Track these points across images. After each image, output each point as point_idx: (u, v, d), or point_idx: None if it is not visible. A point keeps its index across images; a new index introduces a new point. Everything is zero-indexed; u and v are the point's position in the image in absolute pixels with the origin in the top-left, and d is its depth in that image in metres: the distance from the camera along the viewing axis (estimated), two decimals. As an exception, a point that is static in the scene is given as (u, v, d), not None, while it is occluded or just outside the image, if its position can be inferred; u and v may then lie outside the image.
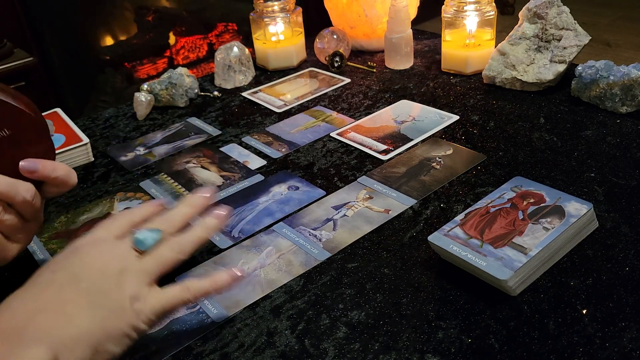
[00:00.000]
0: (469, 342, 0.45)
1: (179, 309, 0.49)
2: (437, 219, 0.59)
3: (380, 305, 0.49)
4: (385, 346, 0.45)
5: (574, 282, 0.49)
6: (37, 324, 0.40)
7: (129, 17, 2.18)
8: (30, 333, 0.40)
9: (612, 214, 0.56)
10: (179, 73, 0.92)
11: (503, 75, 0.85)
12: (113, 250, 0.46)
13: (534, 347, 0.44)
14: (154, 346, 0.47)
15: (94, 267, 0.44)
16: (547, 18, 0.83)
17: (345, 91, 0.93)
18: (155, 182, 0.72)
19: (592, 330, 0.44)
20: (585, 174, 0.63)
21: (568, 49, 0.81)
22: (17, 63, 1.60)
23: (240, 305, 0.51)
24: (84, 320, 0.41)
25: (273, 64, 1.03)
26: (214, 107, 0.92)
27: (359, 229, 0.59)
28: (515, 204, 0.55)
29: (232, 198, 0.67)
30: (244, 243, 0.59)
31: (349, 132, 0.79)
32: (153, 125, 0.88)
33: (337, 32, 1.03)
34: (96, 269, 0.44)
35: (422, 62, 1.01)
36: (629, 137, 0.70)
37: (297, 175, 0.70)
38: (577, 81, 0.78)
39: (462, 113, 0.80)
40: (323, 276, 0.53)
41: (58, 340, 0.40)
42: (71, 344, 0.40)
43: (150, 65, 2.21)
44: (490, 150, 0.70)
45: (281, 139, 0.79)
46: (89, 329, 0.41)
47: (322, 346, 0.46)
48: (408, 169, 0.68)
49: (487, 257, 0.49)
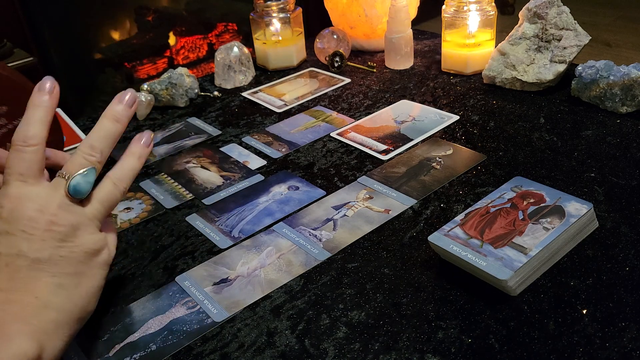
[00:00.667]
0: (469, 342, 0.45)
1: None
2: (437, 219, 0.59)
3: (380, 305, 0.49)
4: (385, 346, 0.45)
5: (574, 282, 0.49)
6: (11, 314, 0.39)
7: (129, 17, 2.18)
8: (7, 325, 0.38)
9: (612, 214, 0.56)
10: (179, 73, 0.92)
11: (503, 75, 0.85)
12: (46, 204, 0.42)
13: (534, 347, 0.44)
14: (154, 346, 0.47)
15: (39, 234, 0.41)
16: (547, 18, 0.83)
17: (345, 91, 0.93)
18: (155, 182, 0.72)
19: (592, 330, 0.44)
20: (585, 174, 0.63)
21: (568, 49, 0.81)
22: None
23: (240, 305, 0.51)
24: (56, 299, 0.40)
25: (273, 64, 1.03)
26: (214, 107, 0.92)
27: (359, 229, 0.59)
28: (515, 204, 0.55)
29: (232, 198, 0.67)
30: (244, 243, 0.59)
31: (349, 132, 0.79)
32: (153, 125, 0.88)
33: (337, 32, 1.03)
34: (43, 235, 0.41)
35: (422, 62, 1.01)
36: (629, 137, 0.70)
37: (297, 175, 0.70)
38: (577, 81, 0.78)
39: (462, 113, 0.81)
40: (323, 276, 0.53)
41: (38, 328, 0.39)
42: (52, 326, 0.40)
43: (150, 65, 2.21)
44: (490, 150, 0.70)
45: (281, 139, 0.79)
46: (65, 306, 0.40)
47: (322, 346, 0.46)
48: (408, 169, 0.68)
49: (487, 257, 0.49)
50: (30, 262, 0.41)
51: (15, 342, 0.37)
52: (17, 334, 0.38)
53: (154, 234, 0.62)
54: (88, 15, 2.04)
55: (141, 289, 0.54)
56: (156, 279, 0.55)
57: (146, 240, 0.61)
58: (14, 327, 0.38)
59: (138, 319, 0.50)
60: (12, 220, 0.42)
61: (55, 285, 0.41)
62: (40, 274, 0.41)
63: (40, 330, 0.39)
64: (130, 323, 0.50)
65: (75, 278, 0.42)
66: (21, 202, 0.42)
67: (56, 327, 0.40)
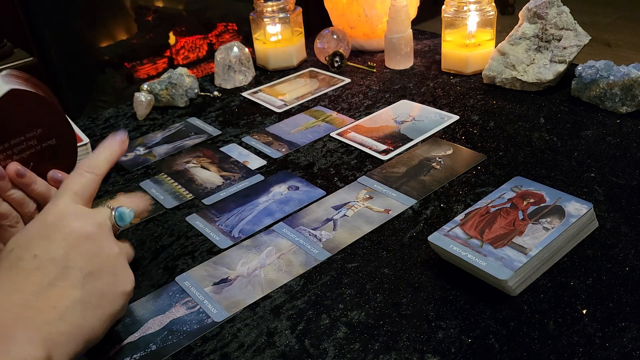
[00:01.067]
0: (469, 342, 0.45)
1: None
2: (437, 219, 0.59)
3: (380, 305, 0.49)
4: (385, 346, 0.45)
5: (574, 282, 0.49)
6: (26, 320, 0.39)
7: (129, 17, 2.18)
8: (20, 329, 0.39)
9: (612, 214, 0.56)
10: (179, 73, 0.92)
11: (503, 75, 0.85)
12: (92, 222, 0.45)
13: (534, 347, 0.44)
14: (154, 346, 0.47)
15: (77, 247, 0.43)
16: (547, 18, 0.83)
17: (345, 91, 0.93)
18: (155, 182, 0.72)
19: (592, 330, 0.44)
20: (585, 174, 0.63)
21: (568, 49, 0.81)
22: (17, 63, 1.60)
23: (240, 305, 0.51)
24: (73, 313, 0.41)
25: (273, 64, 1.03)
26: (214, 107, 0.92)
27: (359, 229, 0.59)
28: (515, 204, 0.55)
29: (232, 198, 0.67)
30: (244, 243, 0.59)
31: (349, 132, 0.79)
32: (153, 125, 0.88)
33: (337, 32, 1.03)
34: (80, 249, 0.43)
35: (422, 62, 1.01)
36: (629, 137, 0.70)
37: (297, 175, 0.70)
38: (577, 81, 0.78)
39: (462, 113, 0.81)
40: (323, 276, 0.53)
41: (50, 337, 0.39)
42: (63, 339, 0.40)
43: (150, 65, 2.21)
44: (490, 150, 0.70)
45: (281, 139, 0.79)
46: (79, 323, 0.41)
47: (322, 346, 0.46)
48: (408, 169, 0.68)
49: (487, 257, 0.49)
50: (60, 270, 0.42)
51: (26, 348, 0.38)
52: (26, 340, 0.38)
53: (154, 234, 0.62)
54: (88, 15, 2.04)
55: (141, 289, 0.54)
56: (156, 279, 0.55)
57: (146, 240, 0.61)
58: (23, 332, 0.39)
59: (138, 318, 0.50)
60: (55, 228, 0.44)
61: (76, 299, 0.42)
62: (65, 284, 0.42)
63: (51, 340, 0.39)
64: (130, 323, 0.50)
65: (97, 298, 0.43)
66: (68, 214, 0.45)
67: (67, 341, 0.40)
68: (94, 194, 0.49)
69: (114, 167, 0.76)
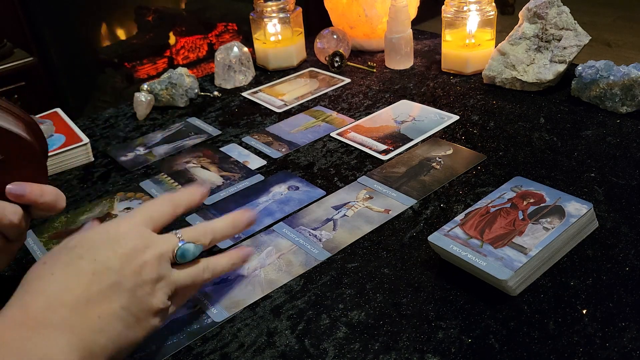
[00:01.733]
0: (469, 342, 0.45)
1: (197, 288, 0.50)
2: (437, 219, 0.59)
3: (380, 305, 0.49)
4: (385, 346, 0.45)
5: (574, 282, 0.49)
6: (72, 324, 0.40)
7: (129, 17, 2.18)
8: (63, 332, 0.39)
9: (612, 214, 0.56)
10: (179, 73, 0.92)
11: (503, 75, 0.85)
12: (153, 250, 0.45)
13: (534, 347, 0.44)
14: (154, 346, 0.47)
15: (131, 266, 0.43)
16: (547, 18, 0.83)
17: (345, 91, 0.93)
18: (155, 182, 0.72)
19: (592, 330, 0.44)
20: (585, 174, 0.63)
21: (568, 49, 0.81)
22: (17, 63, 1.60)
23: (240, 305, 0.51)
24: (111, 328, 0.41)
25: (273, 64, 1.03)
26: (214, 107, 0.92)
27: (359, 229, 0.59)
28: (515, 204, 0.55)
29: (232, 198, 0.67)
30: (244, 243, 0.59)
31: (349, 132, 0.79)
32: (153, 125, 0.88)
33: (337, 32, 1.03)
34: (134, 269, 0.43)
35: (422, 62, 1.01)
36: (629, 137, 0.70)
37: (297, 175, 0.70)
38: (577, 81, 0.78)
39: (462, 113, 0.81)
40: (323, 276, 0.53)
41: (88, 346, 0.40)
42: (98, 350, 0.41)
43: (150, 65, 2.21)
44: (490, 150, 0.70)
45: (281, 139, 0.79)
46: (114, 337, 0.42)
47: (322, 346, 0.46)
48: (408, 169, 0.68)
49: (487, 257, 0.49)
50: (113, 281, 0.42)
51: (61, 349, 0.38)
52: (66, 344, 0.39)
53: (154, 234, 0.62)
54: (88, 15, 2.04)
55: (141, 289, 0.54)
56: (156, 279, 0.55)
57: (146, 240, 0.61)
58: (65, 335, 0.39)
59: (138, 319, 0.50)
60: (118, 241, 0.44)
61: (117, 315, 0.42)
62: (114, 297, 0.42)
63: (89, 350, 0.40)
64: (130, 323, 0.50)
65: (133, 319, 0.43)
66: (135, 233, 0.45)
67: (102, 353, 0.41)
68: (165, 225, 0.49)
69: (114, 167, 0.77)
